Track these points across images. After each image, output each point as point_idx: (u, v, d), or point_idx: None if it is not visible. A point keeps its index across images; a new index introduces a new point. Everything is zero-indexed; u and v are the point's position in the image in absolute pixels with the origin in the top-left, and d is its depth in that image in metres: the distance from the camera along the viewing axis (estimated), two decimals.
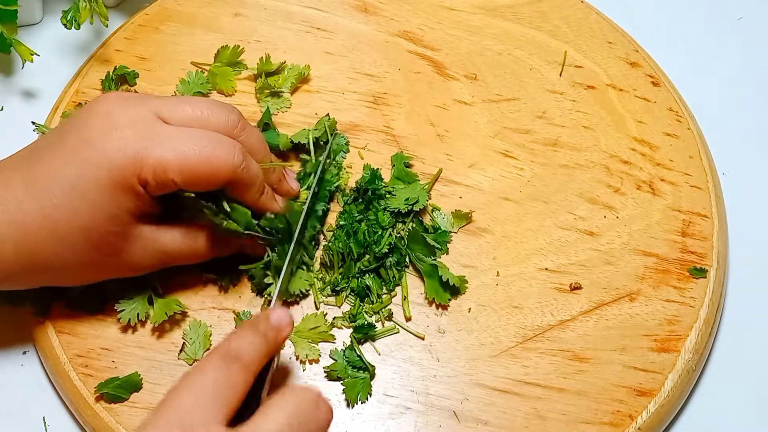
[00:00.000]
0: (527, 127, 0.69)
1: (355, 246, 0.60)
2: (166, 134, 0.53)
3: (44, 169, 0.53)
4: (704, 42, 0.78)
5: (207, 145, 0.53)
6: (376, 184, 0.63)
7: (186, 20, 0.73)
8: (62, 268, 0.54)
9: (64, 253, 0.53)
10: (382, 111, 0.69)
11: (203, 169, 0.53)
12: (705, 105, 0.72)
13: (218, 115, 0.56)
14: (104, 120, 0.53)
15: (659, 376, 0.58)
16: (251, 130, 0.58)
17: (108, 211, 0.53)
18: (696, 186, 0.66)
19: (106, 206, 0.52)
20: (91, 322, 0.59)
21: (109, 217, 0.53)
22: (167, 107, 0.55)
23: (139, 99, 0.55)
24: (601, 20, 0.75)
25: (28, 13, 0.75)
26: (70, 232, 0.53)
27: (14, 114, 0.71)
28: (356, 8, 0.74)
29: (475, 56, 0.72)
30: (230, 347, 0.48)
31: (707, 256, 0.63)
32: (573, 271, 0.62)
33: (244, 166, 0.55)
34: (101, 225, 0.53)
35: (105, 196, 0.52)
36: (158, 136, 0.53)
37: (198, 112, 0.55)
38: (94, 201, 0.52)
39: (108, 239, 0.54)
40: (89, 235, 0.53)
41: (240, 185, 0.55)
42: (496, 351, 0.59)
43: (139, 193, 0.53)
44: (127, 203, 0.53)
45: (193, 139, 0.53)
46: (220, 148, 0.54)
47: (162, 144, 0.53)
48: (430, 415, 0.56)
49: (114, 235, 0.54)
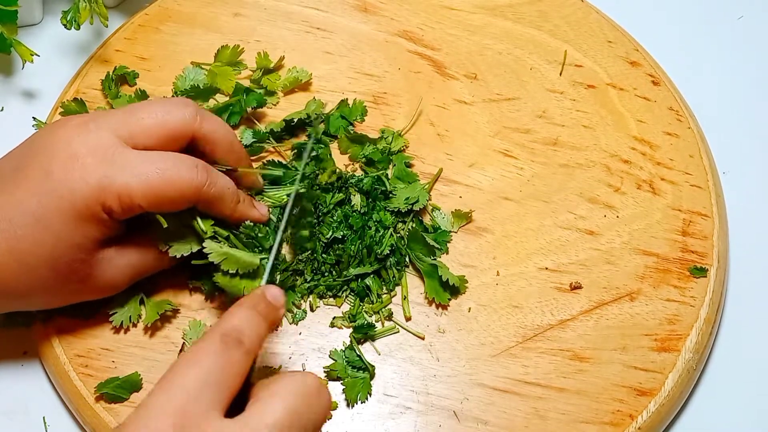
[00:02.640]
0: (527, 126, 0.69)
1: (361, 247, 0.60)
2: (127, 159, 0.52)
3: (5, 201, 0.52)
4: (704, 42, 0.78)
5: (170, 166, 0.53)
6: (380, 184, 0.63)
7: (186, 20, 0.73)
8: (31, 295, 0.54)
9: (32, 282, 0.53)
10: (382, 111, 0.69)
11: (168, 191, 0.53)
12: (705, 104, 0.72)
13: (174, 112, 0.55)
14: (64, 149, 0.52)
15: (659, 376, 0.58)
16: (211, 119, 0.57)
17: (73, 241, 0.52)
18: (696, 185, 0.66)
19: (71, 236, 0.52)
20: (91, 322, 0.59)
21: (75, 246, 0.52)
22: (124, 123, 0.54)
23: (96, 122, 0.54)
24: (601, 19, 0.75)
25: (28, 13, 0.75)
26: (36, 262, 0.52)
27: (14, 114, 0.71)
28: (356, 8, 0.74)
29: (475, 56, 0.72)
30: (229, 328, 0.46)
31: (708, 256, 0.63)
32: (573, 271, 0.62)
33: (209, 183, 0.54)
34: (67, 254, 0.52)
35: (69, 226, 0.52)
36: (120, 162, 0.52)
37: (154, 116, 0.54)
38: (59, 232, 0.52)
39: (74, 267, 0.53)
40: (55, 265, 0.52)
41: (210, 202, 0.55)
42: (496, 351, 0.59)
43: (104, 220, 0.52)
44: (92, 232, 0.53)
45: (155, 162, 0.53)
46: (183, 168, 0.53)
47: (124, 170, 0.52)
48: (430, 415, 0.56)
49: (80, 263, 0.53)
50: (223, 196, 0.55)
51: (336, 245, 0.60)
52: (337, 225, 0.60)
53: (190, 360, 0.44)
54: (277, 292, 0.50)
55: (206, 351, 0.45)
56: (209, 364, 0.44)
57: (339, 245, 0.60)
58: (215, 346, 0.45)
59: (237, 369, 0.45)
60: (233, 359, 0.45)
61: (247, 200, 0.59)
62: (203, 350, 0.45)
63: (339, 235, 0.60)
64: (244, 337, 0.46)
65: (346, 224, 0.61)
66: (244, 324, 0.46)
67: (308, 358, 0.58)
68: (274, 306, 0.49)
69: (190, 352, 0.45)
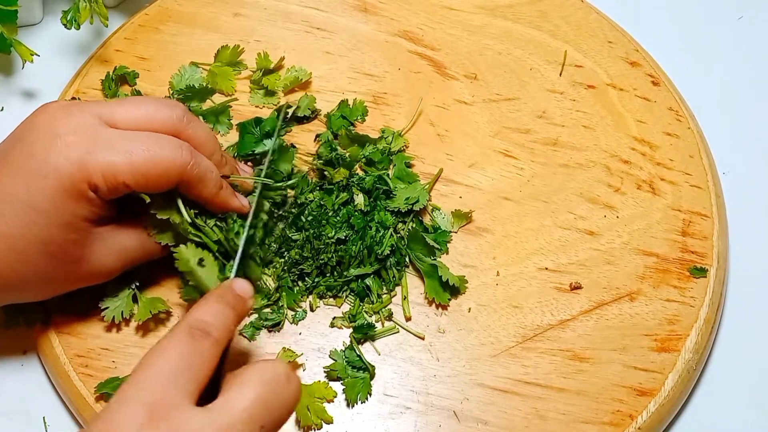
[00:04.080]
0: (527, 126, 0.69)
1: (362, 248, 0.60)
2: (111, 137, 0.52)
3: None
4: (704, 42, 0.78)
5: (153, 144, 0.53)
6: (382, 184, 0.63)
7: (186, 20, 0.73)
8: (24, 285, 0.54)
9: (25, 270, 0.52)
10: (382, 111, 0.69)
11: (153, 170, 0.52)
12: (705, 105, 0.72)
13: (162, 111, 0.55)
14: (46, 130, 0.52)
15: (659, 376, 0.58)
16: (198, 123, 0.57)
17: (62, 220, 0.52)
18: (696, 185, 0.66)
19: (59, 215, 0.52)
20: (91, 322, 0.59)
21: (65, 225, 0.52)
22: (109, 110, 0.54)
23: (79, 106, 0.54)
24: (601, 20, 0.75)
25: (28, 13, 0.75)
26: (27, 246, 0.52)
27: (14, 114, 0.71)
28: (356, 8, 0.74)
29: (475, 56, 0.72)
30: (196, 320, 0.46)
31: (707, 256, 0.63)
32: (573, 271, 0.62)
33: (193, 163, 0.54)
34: (58, 235, 0.52)
35: (57, 205, 0.51)
36: (103, 140, 0.52)
37: (142, 110, 0.54)
38: (48, 212, 0.51)
39: (66, 248, 0.53)
40: (47, 247, 0.52)
41: (192, 182, 0.55)
42: (496, 351, 0.59)
43: (91, 199, 0.52)
44: (80, 210, 0.52)
45: (139, 140, 0.53)
46: (168, 146, 0.53)
47: (108, 148, 0.52)
48: (430, 415, 0.56)
49: (72, 243, 0.53)
50: (206, 178, 0.55)
51: (338, 246, 0.60)
52: (341, 225, 0.60)
53: (158, 352, 0.45)
54: (245, 284, 0.50)
55: (174, 342, 0.45)
56: (177, 354, 0.44)
57: (341, 246, 0.60)
58: (182, 337, 0.45)
59: (206, 359, 0.45)
60: (201, 349, 0.45)
61: (230, 189, 0.58)
62: (171, 342, 0.45)
63: (342, 235, 0.60)
64: (211, 329, 0.46)
65: (348, 224, 0.61)
66: (211, 316, 0.47)
67: (308, 358, 0.58)
68: (242, 298, 0.49)
69: (158, 345, 0.45)
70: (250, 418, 0.44)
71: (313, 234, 0.60)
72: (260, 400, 0.44)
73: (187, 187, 0.55)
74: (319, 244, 0.59)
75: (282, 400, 0.45)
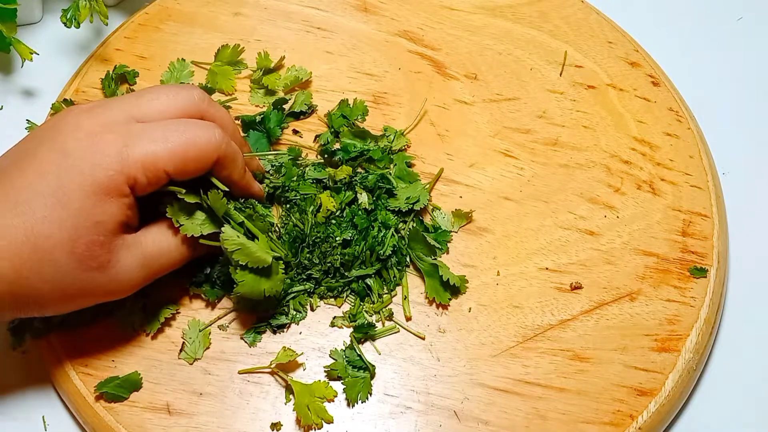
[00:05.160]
0: (527, 126, 0.69)
1: (364, 248, 0.60)
2: (143, 129, 0.52)
3: (18, 187, 0.50)
4: (704, 42, 0.78)
5: (186, 128, 0.53)
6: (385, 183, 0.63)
7: (186, 19, 0.73)
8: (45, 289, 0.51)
9: (47, 271, 0.50)
10: (382, 110, 0.69)
11: (192, 152, 0.53)
12: (705, 105, 0.72)
13: (183, 93, 0.55)
14: (75, 130, 0.52)
15: (660, 376, 0.58)
16: (216, 104, 0.58)
17: (93, 219, 0.51)
18: (696, 186, 0.66)
19: (91, 214, 0.51)
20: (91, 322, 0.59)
21: (95, 225, 0.51)
22: (133, 104, 0.54)
23: (103, 105, 0.54)
24: (602, 20, 0.75)
25: (27, 12, 0.75)
26: (54, 246, 0.50)
27: (14, 113, 0.71)
28: (356, 8, 0.74)
29: (475, 56, 0.72)
30: None
31: (707, 256, 0.63)
32: (573, 271, 0.62)
33: (226, 142, 0.54)
34: (86, 235, 0.51)
35: (90, 202, 0.50)
36: (136, 133, 0.52)
37: (163, 99, 0.55)
38: (79, 209, 0.50)
39: (93, 250, 0.51)
40: (73, 247, 0.50)
41: (227, 162, 0.55)
42: (497, 350, 0.59)
43: (126, 196, 0.52)
44: (112, 209, 0.51)
45: (173, 127, 0.53)
46: (199, 129, 0.54)
47: (144, 139, 0.52)
48: (430, 415, 0.56)
49: (99, 245, 0.51)
50: (237, 157, 0.56)
51: (343, 249, 0.60)
52: (346, 225, 0.60)
53: None
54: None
55: None
56: None
57: (347, 249, 0.60)
58: None
59: None
60: None
61: (250, 173, 0.59)
62: None
63: (347, 236, 0.60)
64: None
65: (351, 224, 0.60)
66: None
67: (308, 358, 0.58)
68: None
69: None
70: None
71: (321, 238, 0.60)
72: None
73: (221, 168, 0.55)
74: (327, 247, 0.59)
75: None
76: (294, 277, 0.59)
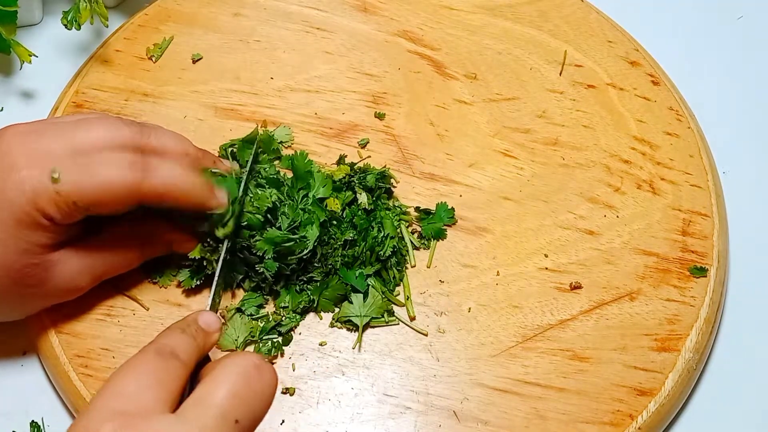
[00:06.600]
0: (527, 126, 0.69)
1: (365, 249, 0.60)
2: (63, 165, 0.52)
3: None
4: (704, 42, 0.78)
5: (102, 168, 0.52)
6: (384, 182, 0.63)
7: (185, 20, 0.73)
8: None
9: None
10: (382, 110, 0.69)
11: (104, 195, 0.52)
12: (705, 104, 0.72)
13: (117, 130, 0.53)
14: (2, 158, 0.52)
15: (660, 376, 0.58)
16: (158, 131, 0.55)
17: (21, 247, 0.52)
18: (696, 185, 0.66)
19: (16, 243, 0.52)
20: (90, 322, 0.59)
21: (22, 252, 0.52)
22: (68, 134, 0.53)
23: (38, 131, 0.53)
24: (601, 19, 0.75)
25: (28, 13, 0.75)
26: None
27: (14, 114, 0.71)
28: (356, 8, 0.74)
29: (475, 56, 0.72)
30: (163, 344, 0.46)
31: (708, 255, 0.63)
32: (573, 271, 0.62)
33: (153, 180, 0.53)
34: (17, 261, 0.52)
35: (12, 234, 0.52)
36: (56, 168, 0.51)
37: (99, 130, 0.53)
38: (5, 240, 0.52)
39: (27, 272, 0.53)
40: (8, 272, 0.53)
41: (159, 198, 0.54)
42: (496, 351, 0.59)
43: (47, 226, 0.52)
44: (36, 237, 0.52)
45: (91, 165, 0.52)
46: (115, 169, 0.52)
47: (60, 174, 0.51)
48: (430, 415, 0.56)
49: (33, 267, 0.53)
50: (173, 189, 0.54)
51: (344, 250, 0.60)
52: (347, 226, 0.60)
53: (127, 368, 0.45)
54: (211, 318, 0.50)
55: (142, 360, 0.45)
56: (146, 370, 0.45)
57: (348, 250, 0.60)
58: (150, 356, 0.45)
59: (173, 377, 0.45)
60: (168, 367, 0.45)
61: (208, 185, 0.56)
62: (139, 359, 0.45)
63: (349, 237, 0.59)
64: (178, 351, 0.46)
65: (351, 224, 0.60)
66: (175, 340, 0.47)
67: (308, 358, 0.58)
68: (206, 331, 0.49)
69: (127, 362, 0.45)
70: (223, 415, 0.43)
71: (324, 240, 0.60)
72: (231, 394, 0.44)
73: (158, 202, 0.54)
74: (327, 249, 0.59)
75: (255, 391, 0.45)
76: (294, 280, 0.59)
